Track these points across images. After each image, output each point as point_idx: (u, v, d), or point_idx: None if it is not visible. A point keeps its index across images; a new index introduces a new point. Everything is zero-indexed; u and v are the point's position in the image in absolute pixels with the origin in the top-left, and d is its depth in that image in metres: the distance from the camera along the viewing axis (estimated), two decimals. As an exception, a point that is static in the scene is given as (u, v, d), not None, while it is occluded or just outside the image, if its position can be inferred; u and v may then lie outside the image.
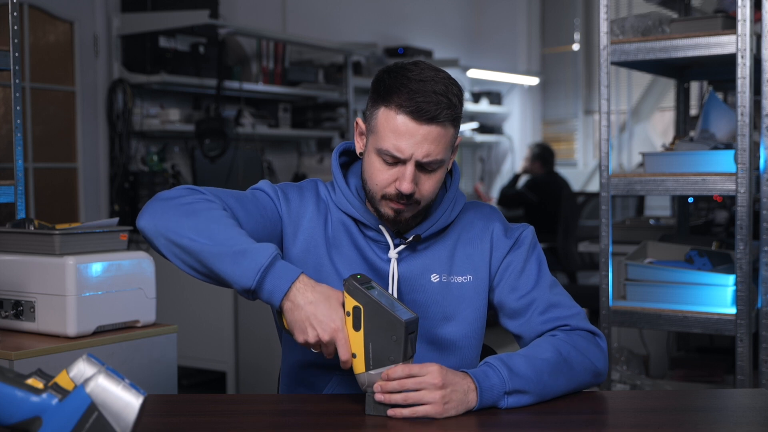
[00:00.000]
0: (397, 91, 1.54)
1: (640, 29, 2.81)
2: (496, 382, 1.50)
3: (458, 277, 1.68)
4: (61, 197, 4.25)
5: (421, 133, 1.54)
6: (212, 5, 4.47)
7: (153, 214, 1.53)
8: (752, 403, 1.66)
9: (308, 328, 1.43)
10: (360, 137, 1.66)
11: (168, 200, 1.54)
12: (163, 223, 1.51)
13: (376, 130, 1.58)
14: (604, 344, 1.65)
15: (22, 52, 3.04)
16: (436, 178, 1.60)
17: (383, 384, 1.44)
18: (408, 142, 1.54)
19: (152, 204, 1.55)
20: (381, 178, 1.58)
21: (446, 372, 1.46)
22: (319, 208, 1.69)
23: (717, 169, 2.62)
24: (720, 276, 2.69)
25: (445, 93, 1.54)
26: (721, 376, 3.33)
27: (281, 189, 1.69)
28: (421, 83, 1.54)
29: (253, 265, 1.45)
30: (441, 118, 1.54)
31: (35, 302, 2.19)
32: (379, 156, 1.58)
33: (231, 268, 1.46)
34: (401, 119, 1.54)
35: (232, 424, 1.45)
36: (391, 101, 1.55)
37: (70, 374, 1.19)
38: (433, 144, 1.55)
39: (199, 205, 1.53)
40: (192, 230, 1.49)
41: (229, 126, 4.45)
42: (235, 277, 1.46)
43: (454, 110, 1.56)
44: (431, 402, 1.44)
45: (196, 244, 1.48)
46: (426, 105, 1.52)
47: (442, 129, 1.55)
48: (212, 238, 1.48)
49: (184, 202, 1.53)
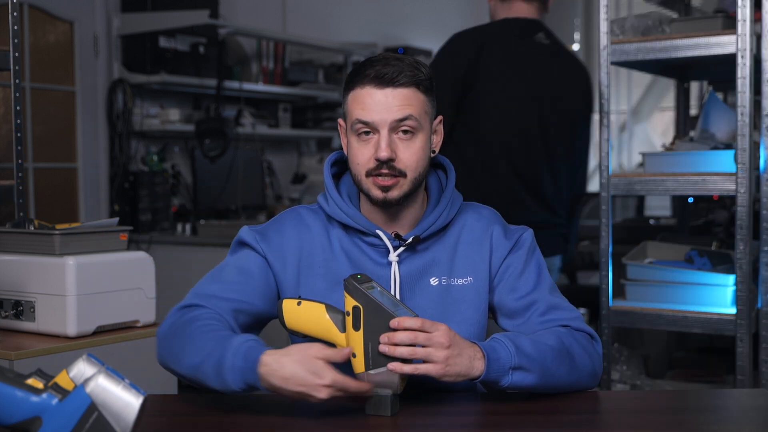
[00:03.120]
0: (359, 71, 1.60)
1: (640, 29, 2.80)
2: (503, 355, 1.50)
3: (459, 279, 1.68)
4: (61, 197, 4.25)
5: (387, 96, 1.58)
6: (212, 5, 4.47)
7: (161, 351, 1.59)
8: (752, 403, 1.66)
9: (308, 389, 1.40)
10: (343, 136, 1.69)
11: (165, 342, 1.59)
12: (171, 366, 1.57)
13: (349, 112, 1.63)
14: (600, 349, 1.66)
15: (22, 52, 3.04)
16: (416, 146, 1.61)
17: (391, 335, 1.42)
18: (375, 108, 1.58)
19: (159, 341, 1.60)
20: (360, 154, 1.61)
21: (454, 334, 1.46)
22: (301, 232, 1.69)
23: (717, 169, 2.62)
24: (720, 276, 2.69)
25: (409, 63, 1.59)
26: (721, 376, 3.33)
27: (259, 232, 1.70)
28: (383, 59, 1.60)
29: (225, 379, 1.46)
30: (401, 79, 1.58)
31: (35, 302, 2.19)
32: (355, 134, 1.61)
33: (217, 384, 1.48)
34: (366, 90, 1.59)
35: (232, 424, 1.45)
36: (355, 83, 1.60)
37: (70, 374, 1.19)
38: (401, 103, 1.58)
39: (186, 329, 1.56)
40: (185, 364, 1.53)
41: (229, 126, 4.45)
42: (226, 389, 1.48)
43: (417, 73, 1.59)
44: (436, 361, 1.43)
45: (194, 374, 1.51)
46: (385, 69, 1.58)
47: (407, 90, 1.59)
48: (197, 367, 1.50)
49: (176, 339, 1.56)
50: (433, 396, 1.59)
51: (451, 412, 1.53)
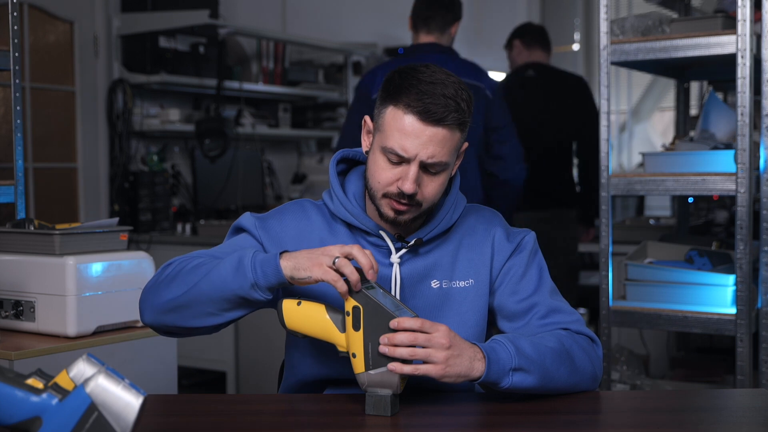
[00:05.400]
0: (406, 91, 1.54)
1: (640, 29, 2.80)
2: (504, 356, 1.50)
3: (460, 282, 1.67)
4: (61, 197, 4.25)
5: (427, 134, 1.54)
6: (212, 5, 4.46)
7: (145, 304, 1.60)
8: (752, 403, 1.66)
9: (320, 256, 1.46)
10: (367, 135, 1.66)
11: (150, 288, 1.60)
12: (158, 304, 1.57)
13: (383, 128, 1.58)
14: (600, 352, 1.66)
15: (22, 52, 3.04)
16: (440, 182, 1.60)
17: (391, 336, 1.43)
18: (413, 143, 1.54)
19: (142, 298, 1.61)
20: (384, 176, 1.58)
21: (454, 335, 1.46)
22: (301, 223, 1.69)
23: (717, 169, 2.62)
24: (720, 276, 2.69)
25: (454, 97, 1.54)
26: (721, 376, 3.33)
27: (259, 218, 1.70)
28: (431, 85, 1.54)
29: (241, 267, 1.49)
30: (448, 120, 1.54)
31: (35, 302, 2.19)
32: (384, 154, 1.58)
33: (227, 282, 1.49)
34: (408, 119, 1.54)
35: (232, 424, 1.45)
36: (399, 101, 1.55)
37: (70, 374, 1.19)
38: (438, 146, 1.55)
39: (175, 268, 1.58)
40: (180, 287, 1.54)
41: (229, 126, 4.45)
42: (235, 286, 1.49)
43: (461, 114, 1.55)
44: (436, 362, 1.43)
45: (190, 291, 1.53)
46: (434, 106, 1.52)
47: (448, 132, 1.55)
48: (198, 280, 1.53)
49: (164, 277, 1.58)
50: (433, 396, 1.59)
51: (451, 412, 1.53)
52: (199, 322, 1.54)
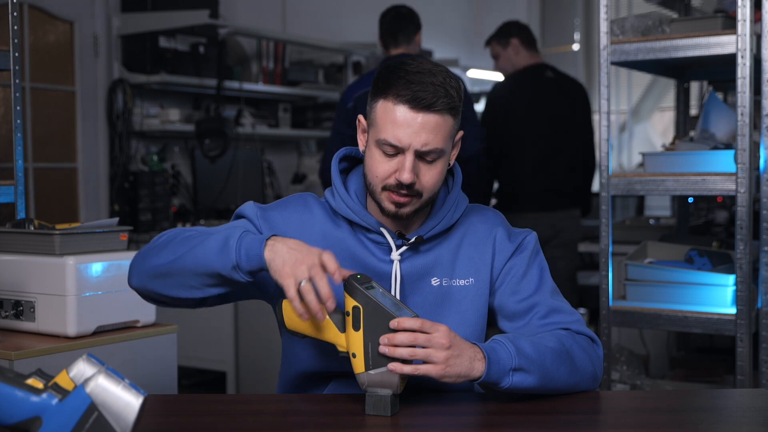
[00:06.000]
0: (395, 83, 1.56)
1: (640, 29, 2.80)
2: (504, 356, 1.50)
3: (460, 280, 1.68)
4: (61, 197, 4.25)
5: (419, 122, 1.55)
6: (212, 5, 4.46)
7: (133, 268, 1.62)
8: (752, 403, 1.66)
9: (298, 265, 1.43)
10: (362, 134, 1.67)
11: (141, 253, 1.62)
12: (145, 268, 1.59)
13: (376, 122, 1.59)
14: (601, 352, 1.66)
15: (22, 52, 3.04)
16: (437, 170, 1.60)
17: (391, 336, 1.43)
18: (406, 132, 1.55)
19: (132, 263, 1.63)
20: (381, 169, 1.59)
21: (454, 335, 1.47)
22: (303, 216, 1.68)
23: (717, 169, 2.62)
24: (720, 276, 2.69)
25: (443, 84, 1.56)
26: (721, 376, 3.33)
27: (262, 209, 1.70)
28: (419, 74, 1.56)
29: (226, 247, 1.49)
30: (438, 106, 1.55)
31: (35, 302, 2.19)
32: (379, 147, 1.59)
33: (210, 259, 1.50)
34: (399, 109, 1.55)
35: (232, 424, 1.45)
36: (389, 93, 1.57)
37: (70, 374, 1.19)
38: (431, 133, 1.56)
39: (167, 237, 1.60)
40: (168, 256, 1.55)
41: (229, 126, 4.45)
42: (217, 264, 1.49)
43: (451, 99, 1.57)
44: (436, 362, 1.44)
45: (176, 261, 1.54)
46: (423, 93, 1.54)
47: (440, 118, 1.56)
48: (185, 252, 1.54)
49: (155, 245, 1.60)
50: (433, 396, 1.59)
51: (451, 412, 1.53)
52: (181, 293, 1.56)
